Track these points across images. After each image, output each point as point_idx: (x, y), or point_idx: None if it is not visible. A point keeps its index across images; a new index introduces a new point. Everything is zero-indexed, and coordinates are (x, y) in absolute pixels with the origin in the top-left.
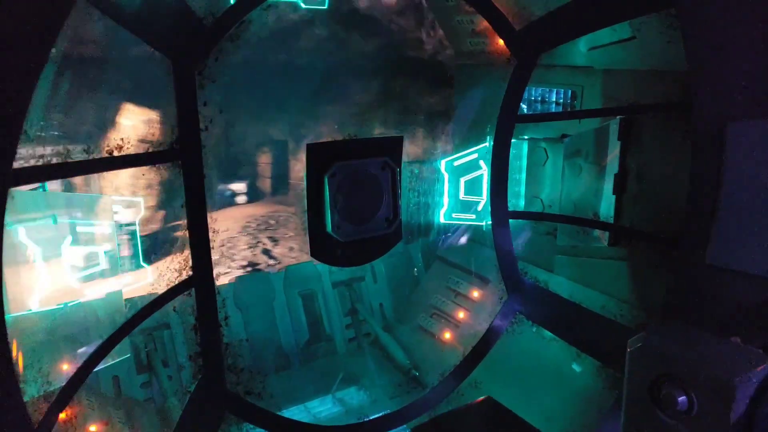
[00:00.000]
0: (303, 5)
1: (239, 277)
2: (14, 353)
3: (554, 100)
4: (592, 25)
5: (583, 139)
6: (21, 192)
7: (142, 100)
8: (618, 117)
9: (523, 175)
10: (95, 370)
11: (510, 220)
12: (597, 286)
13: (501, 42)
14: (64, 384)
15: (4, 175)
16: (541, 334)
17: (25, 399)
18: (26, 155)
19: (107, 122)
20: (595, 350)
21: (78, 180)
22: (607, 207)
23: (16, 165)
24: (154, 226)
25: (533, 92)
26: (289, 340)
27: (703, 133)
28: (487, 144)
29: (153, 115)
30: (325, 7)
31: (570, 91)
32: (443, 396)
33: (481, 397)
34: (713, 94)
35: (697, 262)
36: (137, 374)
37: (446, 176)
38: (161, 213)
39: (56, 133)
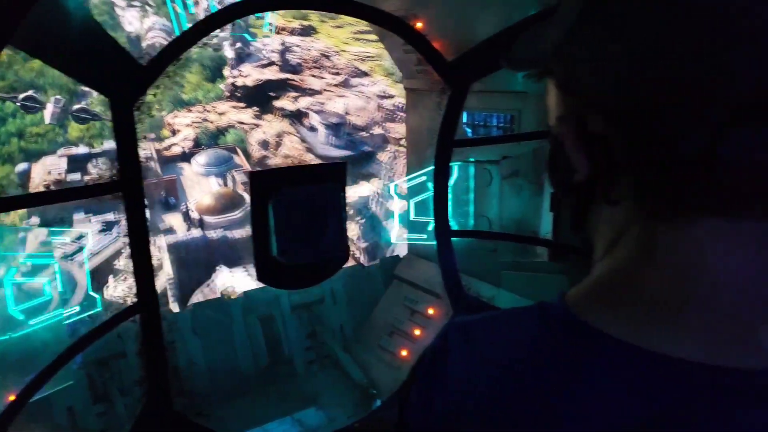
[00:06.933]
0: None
1: (196, 304)
2: None
3: (495, 124)
4: None
5: (522, 160)
6: None
7: None
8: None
9: (472, 196)
10: (50, 400)
11: (455, 239)
12: (543, 300)
13: None
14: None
15: None
16: None
17: None
18: None
19: None
20: None
21: None
22: (546, 224)
23: None
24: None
25: (477, 117)
26: (249, 365)
27: None
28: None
29: None
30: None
31: (510, 116)
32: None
33: None
34: None
35: None
36: (93, 404)
37: (396, 198)
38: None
39: None
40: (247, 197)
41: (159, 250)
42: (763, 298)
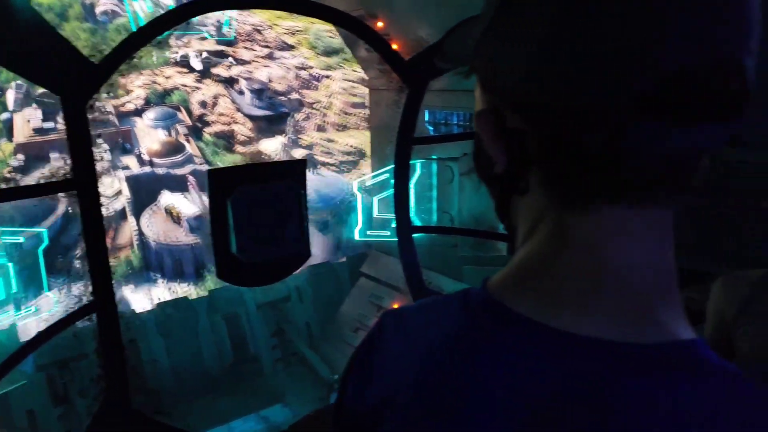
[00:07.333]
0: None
1: (161, 304)
2: None
3: (455, 122)
4: None
5: None
6: None
7: None
8: None
9: (434, 192)
10: (8, 402)
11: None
12: None
13: None
14: None
15: None
16: None
17: None
18: None
19: None
20: None
21: None
22: None
23: None
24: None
25: (438, 115)
26: (214, 364)
27: None
28: None
29: None
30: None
31: (470, 114)
32: None
33: None
34: None
35: None
36: (54, 407)
37: (359, 196)
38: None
39: None
40: (187, 145)
41: (119, 180)
42: (661, 278)
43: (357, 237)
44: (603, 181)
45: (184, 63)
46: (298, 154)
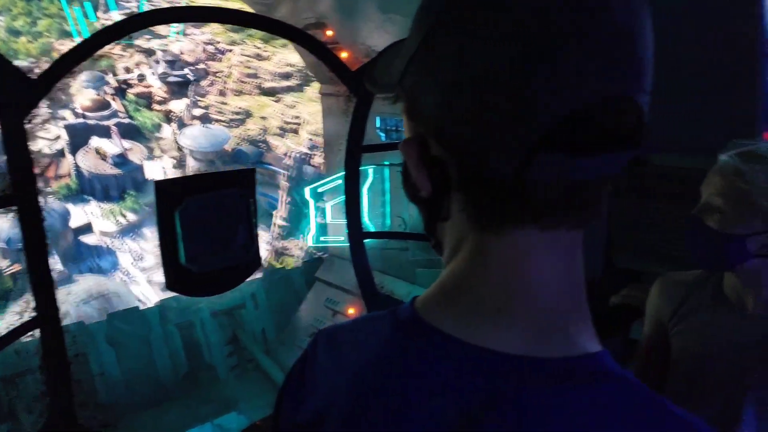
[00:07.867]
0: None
1: (111, 314)
2: None
3: None
4: None
5: None
6: None
7: None
8: None
9: (387, 197)
10: None
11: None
12: None
13: None
14: None
15: None
16: None
17: None
18: None
19: None
20: None
21: None
22: None
23: None
24: None
25: (389, 122)
26: (168, 373)
27: None
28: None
29: None
30: None
31: None
32: None
33: None
34: None
35: None
36: None
37: (311, 202)
38: None
39: None
40: (113, 103)
41: (59, 128)
42: (571, 295)
43: (311, 243)
44: (514, 207)
45: (141, 79)
46: (197, 112)
